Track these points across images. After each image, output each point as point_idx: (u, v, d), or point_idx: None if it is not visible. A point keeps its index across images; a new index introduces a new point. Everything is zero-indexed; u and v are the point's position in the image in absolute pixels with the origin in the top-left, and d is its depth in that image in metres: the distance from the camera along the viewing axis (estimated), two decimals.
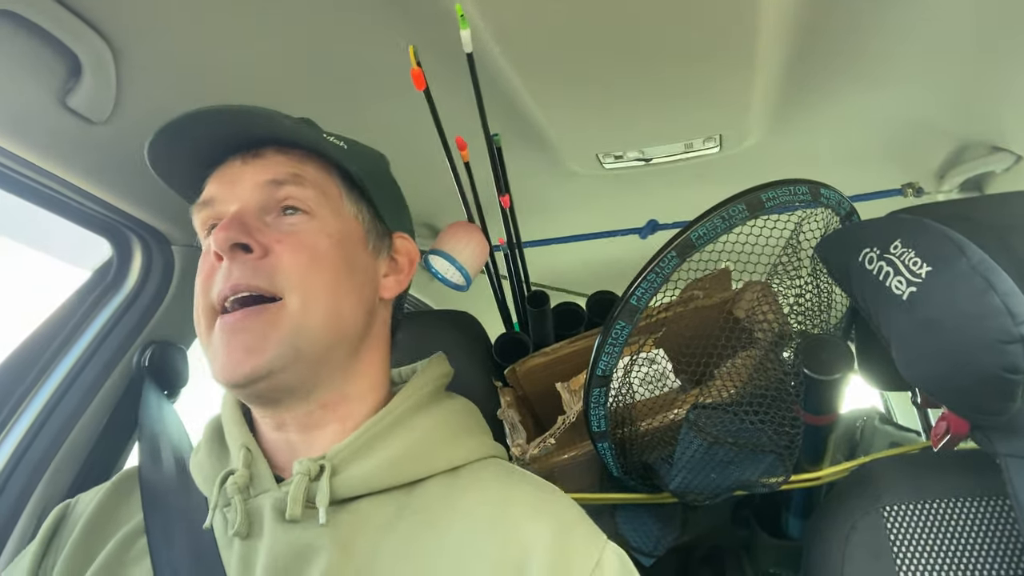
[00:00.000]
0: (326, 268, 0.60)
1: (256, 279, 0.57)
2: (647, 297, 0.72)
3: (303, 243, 0.60)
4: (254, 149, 0.63)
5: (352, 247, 0.64)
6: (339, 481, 0.57)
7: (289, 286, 0.58)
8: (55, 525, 0.65)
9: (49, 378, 0.86)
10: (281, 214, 0.61)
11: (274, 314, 0.57)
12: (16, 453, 0.80)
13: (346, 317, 0.61)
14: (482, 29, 0.76)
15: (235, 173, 0.62)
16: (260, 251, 0.58)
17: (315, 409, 0.62)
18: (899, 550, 0.71)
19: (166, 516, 0.62)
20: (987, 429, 0.63)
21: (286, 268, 0.58)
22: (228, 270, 0.57)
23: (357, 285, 0.63)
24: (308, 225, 0.61)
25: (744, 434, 0.78)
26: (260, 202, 0.61)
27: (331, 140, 0.66)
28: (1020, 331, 0.56)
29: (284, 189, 0.61)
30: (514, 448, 0.87)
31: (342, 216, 0.64)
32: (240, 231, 0.57)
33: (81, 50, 0.67)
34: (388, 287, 0.69)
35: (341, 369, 0.63)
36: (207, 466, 0.64)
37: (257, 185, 0.61)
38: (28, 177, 0.76)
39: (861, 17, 0.84)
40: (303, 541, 0.55)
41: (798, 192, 0.73)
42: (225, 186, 0.62)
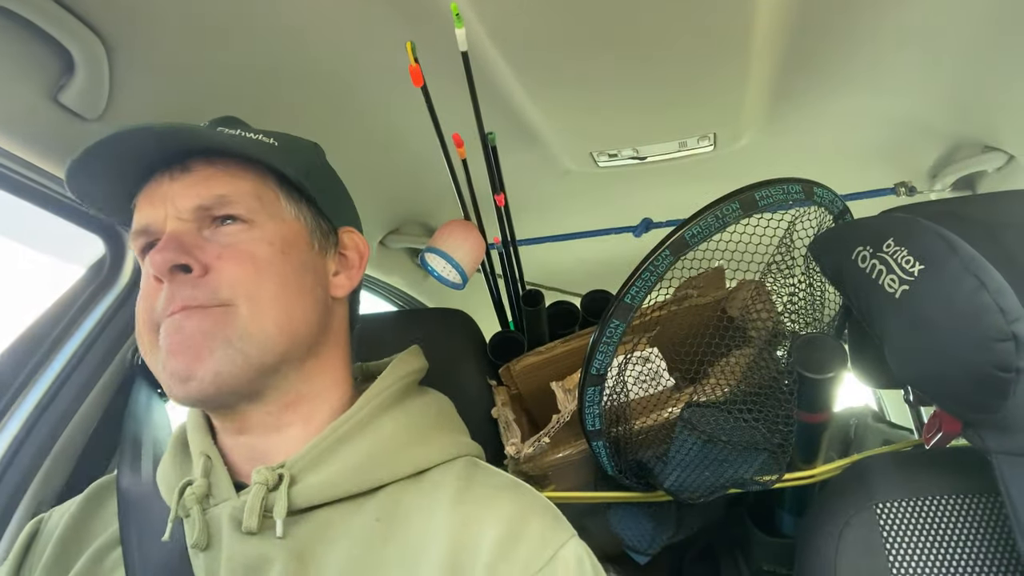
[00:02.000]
0: (271, 276, 0.58)
1: (199, 298, 0.55)
2: (641, 296, 0.73)
3: (244, 253, 0.57)
4: (181, 163, 0.59)
5: (296, 250, 0.61)
6: (297, 491, 0.56)
7: (232, 297, 0.56)
8: (28, 541, 0.64)
9: (42, 376, 0.85)
10: (219, 224, 0.58)
11: (222, 316, 0.55)
12: (9, 452, 0.80)
13: (297, 322, 0.59)
14: (477, 28, 0.76)
15: (164, 189, 0.59)
16: (200, 269, 0.56)
17: (273, 411, 0.60)
18: (892, 547, 0.71)
19: (141, 526, 0.61)
20: (979, 427, 0.63)
21: (230, 281, 0.56)
22: (171, 292, 0.55)
23: (306, 288, 0.61)
24: (247, 235, 0.58)
25: (738, 432, 0.78)
26: (194, 217, 0.58)
27: (259, 139, 0.63)
28: (1012, 329, 0.56)
29: (218, 201, 0.58)
30: (509, 447, 0.87)
31: (282, 219, 0.61)
32: (177, 251, 0.55)
33: (74, 46, 0.67)
34: (339, 285, 0.66)
35: (296, 371, 0.61)
36: (170, 475, 0.63)
37: (188, 197, 0.58)
38: (20, 174, 0.75)
39: (855, 17, 0.84)
40: (259, 552, 0.54)
41: (791, 191, 0.73)
42: (155, 204, 0.59)
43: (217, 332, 0.55)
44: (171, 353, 0.55)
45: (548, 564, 0.53)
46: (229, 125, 0.64)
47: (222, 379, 0.55)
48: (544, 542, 0.54)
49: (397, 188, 1.27)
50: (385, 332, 1.01)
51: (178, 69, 0.78)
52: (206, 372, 0.54)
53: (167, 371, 0.55)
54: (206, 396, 0.56)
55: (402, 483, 0.60)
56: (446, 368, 0.99)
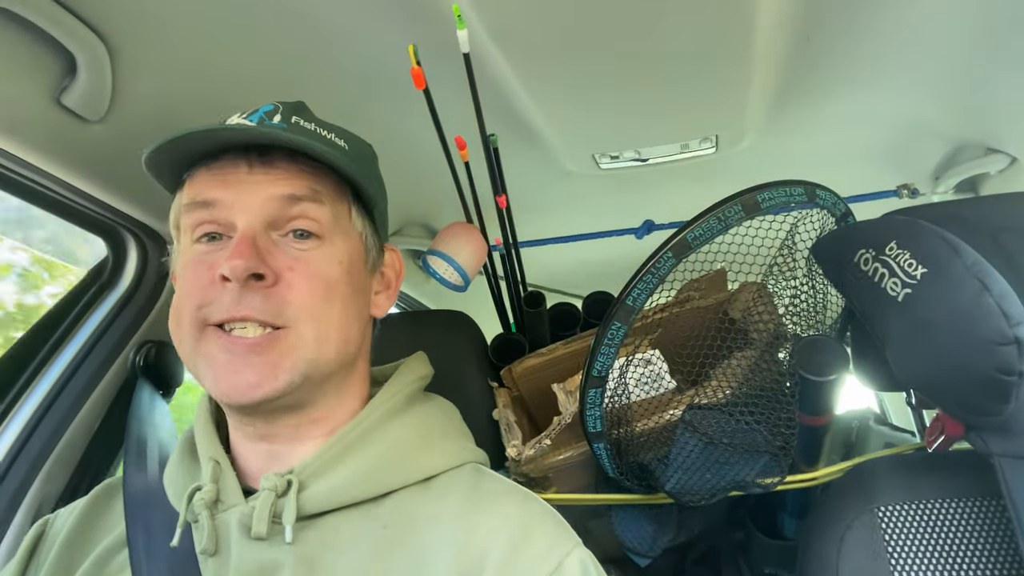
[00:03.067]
0: (337, 299, 0.58)
1: (266, 313, 0.54)
2: (643, 298, 0.73)
3: (315, 272, 0.57)
4: (260, 152, 0.57)
5: (357, 270, 0.61)
6: (306, 497, 0.56)
7: (300, 318, 0.56)
8: (34, 542, 0.65)
9: (45, 377, 0.85)
10: (290, 235, 0.57)
11: (285, 341, 0.55)
12: (11, 452, 0.80)
13: (351, 342, 0.60)
14: (479, 29, 0.76)
15: (241, 178, 0.56)
16: (272, 278, 0.55)
17: (304, 423, 0.60)
18: (894, 550, 0.71)
19: (148, 529, 0.61)
20: (981, 430, 0.63)
21: (297, 300, 0.55)
22: (238, 297, 0.54)
23: (358, 308, 0.62)
24: (320, 252, 0.58)
25: (740, 435, 0.78)
26: (270, 217, 0.56)
27: (333, 139, 0.61)
28: (1014, 332, 0.56)
29: (300, 206, 0.57)
30: (510, 449, 0.87)
31: (350, 236, 0.61)
32: (256, 260, 0.54)
33: (77, 48, 0.67)
34: (379, 305, 0.67)
35: (335, 387, 0.62)
36: (178, 479, 0.63)
37: (271, 198, 0.56)
38: (23, 176, 0.75)
39: (857, 19, 0.84)
40: (268, 558, 0.54)
41: (794, 193, 0.73)
42: (230, 191, 0.56)
43: (283, 357, 0.55)
44: (235, 372, 0.54)
45: (555, 572, 0.53)
46: (303, 114, 0.61)
47: (283, 398, 0.56)
48: (549, 551, 0.54)
49: (398, 190, 1.26)
50: (387, 334, 1.01)
51: (180, 71, 0.78)
52: (272, 392, 0.55)
53: (222, 383, 0.55)
54: (260, 410, 0.57)
55: (410, 489, 0.60)
56: (448, 370, 0.98)
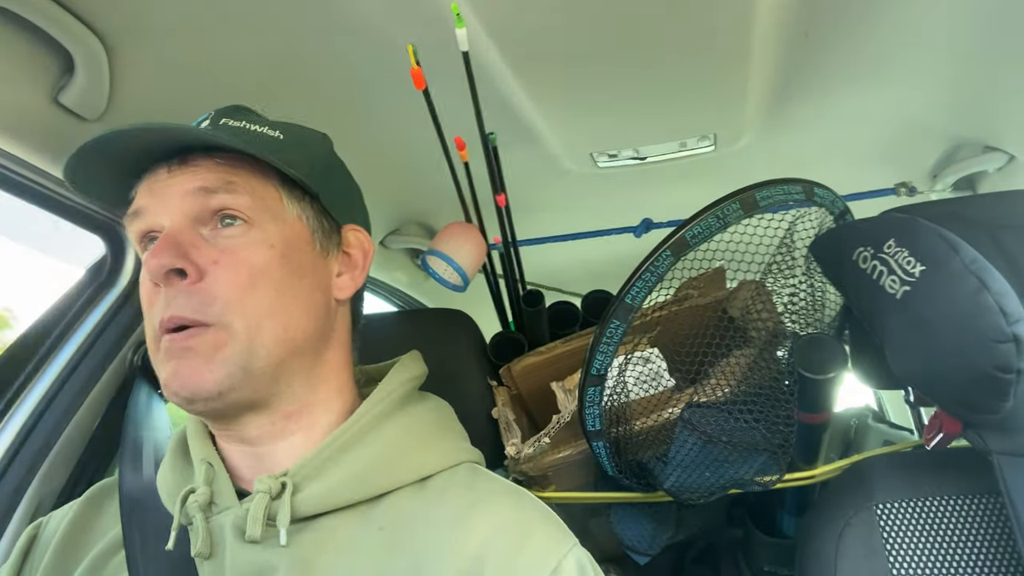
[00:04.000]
0: (268, 284, 0.56)
1: (191, 310, 0.54)
2: (642, 296, 0.73)
3: (240, 260, 0.56)
4: (180, 156, 0.58)
5: (297, 253, 0.60)
6: (301, 499, 0.56)
7: (226, 311, 0.54)
8: (27, 546, 0.64)
9: (42, 376, 0.85)
10: (218, 226, 0.57)
11: (213, 337, 0.54)
12: (9, 452, 0.80)
13: (296, 328, 0.58)
14: (478, 28, 0.76)
15: (162, 183, 0.57)
16: (195, 274, 0.54)
17: (277, 420, 0.59)
18: (892, 548, 0.71)
19: (144, 532, 0.61)
20: (980, 427, 0.63)
21: (223, 292, 0.55)
22: (166, 299, 0.54)
23: (305, 292, 0.60)
24: (246, 237, 0.57)
25: (738, 433, 0.78)
26: (192, 213, 0.56)
27: (264, 132, 0.61)
28: (1013, 330, 0.56)
29: (216, 198, 0.56)
30: (509, 447, 0.87)
31: (283, 220, 0.59)
32: (173, 255, 0.54)
33: (74, 47, 0.67)
34: (342, 287, 0.65)
35: (301, 378, 0.60)
36: (171, 482, 0.62)
37: (186, 194, 0.56)
38: (20, 174, 0.75)
39: (855, 17, 0.84)
40: (263, 561, 0.54)
41: (792, 191, 0.73)
42: (154, 197, 0.57)
43: (215, 352, 0.54)
44: (173, 373, 0.54)
45: (553, 573, 0.52)
46: (235, 116, 0.62)
47: (225, 395, 0.55)
48: (547, 552, 0.54)
49: (398, 189, 1.27)
50: (386, 333, 1.01)
51: (178, 70, 0.78)
52: (210, 391, 0.54)
53: (169, 388, 0.55)
54: (212, 411, 0.56)
55: (405, 490, 0.59)
56: (446, 368, 0.98)
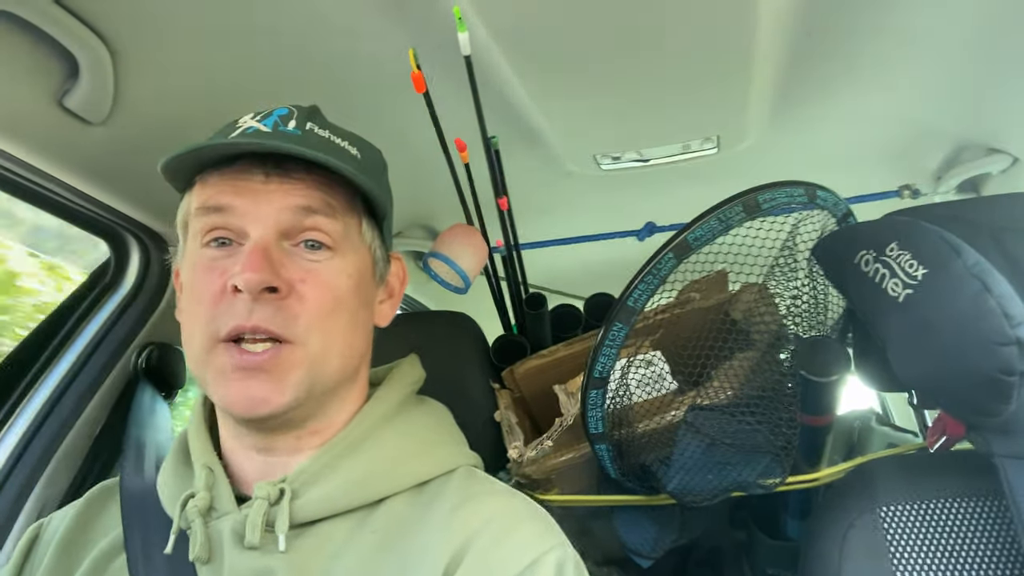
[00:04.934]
0: (345, 311, 0.58)
1: (276, 324, 0.54)
2: (644, 299, 0.73)
3: (325, 285, 0.57)
4: (276, 162, 0.56)
5: (365, 284, 0.62)
6: (299, 505, 0.56)
7: (309, 332, 0.56)
8: (28, 547, 0.64)
9: (47, 380, 0.85)
10: (302, 246, 0.57)
11: (292, 355, 0.55)
12: (14, 454, 0.80)
13: (355, 356, 0.61)
14: (480, 32, 0.76)
15: (256, 188, 0.56)
16: (285, 290, 0.55)
17: (304, 435, 0.60)
18: (896, 550, 0.71)
19: (145, 534, 0.61)
20: (983, 430, 0.63)
21: (307, 313, 0.56)
22: (250, 307, 0.54)
23: (364, 320, 0.62)
24: (331, 264, 0.58)
25: (741, 435, 0.78)
26: (283, 227, 0.56)
27: (346, 148, 0.61)
28: (1015, 333, 0.56)
29: (313, 218, 0.57)
30: (511, 450, 0.87)
31: (360, 251, 0.61)
32: (270, 272, 0.54)
33: (79, 51, 0.67)
34: (383, 314, 0.67)
35: (338, 399, 0.62)
36: (171, 485, 0.62)
37: (285, 209, 0.56)
38: (25, 178, 0.76)
39: (858, 19, 0.84)
40: (261, 566, 0.55)
41: (795, 194, 0.73)
42: (245, 199, 0.56)
43: (290, 371, 0.55)
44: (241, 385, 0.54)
45: (528, 568, 0.52)
46: (316, 120, 0.61)
47: (287, 414, 0.56)
48: (528, 546, 0.54)
49: (400, 191, 1.26)
50: (387, 335, 1.01)
51: (182, 73, 0.78)
52: (276, 411, 0.55)
53: (230, 396, 0.55)
54: (265, 427, 0.58)
55: (402, 496, 0.60)
56: (449, 371, 0.98)
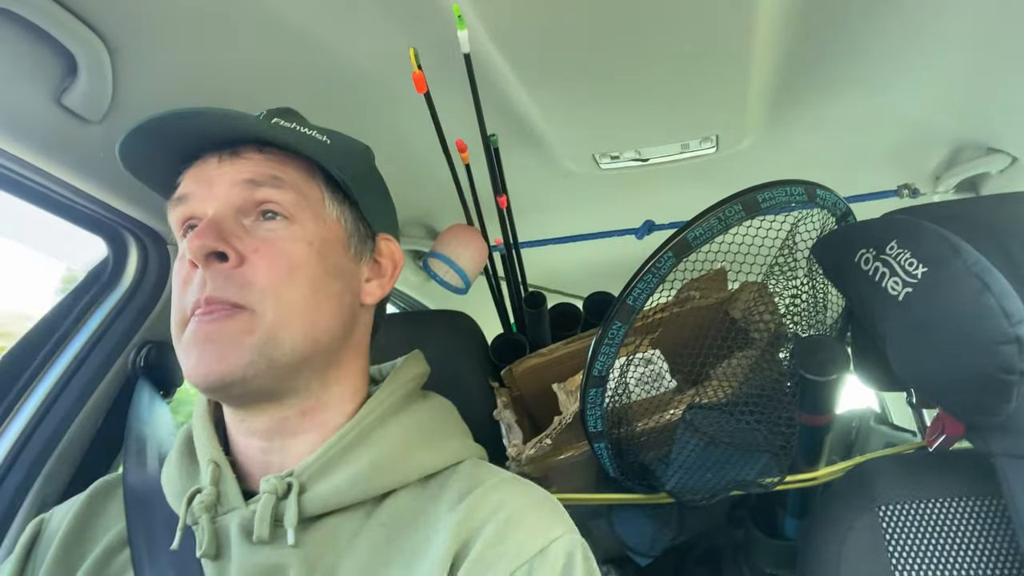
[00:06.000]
0: (303, 279, 0.58)
1: (228, 291, 0.55)
2: (643, 298, 0.73)
3: (280, 251, 0.58)
4: (232, 148, 0.60)
5: (332, 253, 0.61)
6: (307, 499, 0.56)
7: (262, 298, 0.56)
8: (30, 542, 0.64)
9: (44, 378, 0.85)
10: (259, 218, 0.59)
11: (247, 321, 0.55)
12: (12, 453, 0.80)
13: (322, 327, 0.59)
14: (480, 30, 0.76)
15: (211, 172, 0.59)
16: (236, 259, 0.56)
17: (292, 415, 0.60)
18: (895, 550, 0.71)
19: (149, 531, 0.61)
20: (982, 429, 0.63)
21: (261, 279, 0.56)
22: (202, 280, 0.55)
23: (335, 293, 0.61)
24: (286, 231, 0.59)
25: (740, 434, 0.78)
26: (237, 203, 0.58)
27: (313, 135, 0.63)
28: (1015, 331, 0.56)
29: (262, 191, 0.58)
30: (510, 449, 0.87)
31: (323, 220, 0.61)
32: (216, 238, 0.55)
33: (77, 49, 0.67)
34: (370, 292, 0.66)
35: (318, 377, 0.61)
36: (176, 481, 0.62)
37: (234, 184, 0.58)
38: (23, 176, 0.75)
39: (857, 19, 0.84)
40: (271, 562, 0.55)
41: (794, 193, 0.73)
42: (201, 184, 0.59)
43: (243, 337, 0.55)
44: (199, 352, 0.55)
45: (538, 555, 0.53)
46: (285, 117, 0.64)
47: (247, 381, 0.55)
48: (537, 534, 0.55)
49: (400, 190, 1.26)
50: (388, 334, 1.01)
51: (181, 71, 0.78)
52: (232, 372, 0.54)
53: (190, 365, 0.55)
54: (231, 397, 0.58)
55: (409, 488, 0.60)
56: (448, 370, 0.98)
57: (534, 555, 0.53)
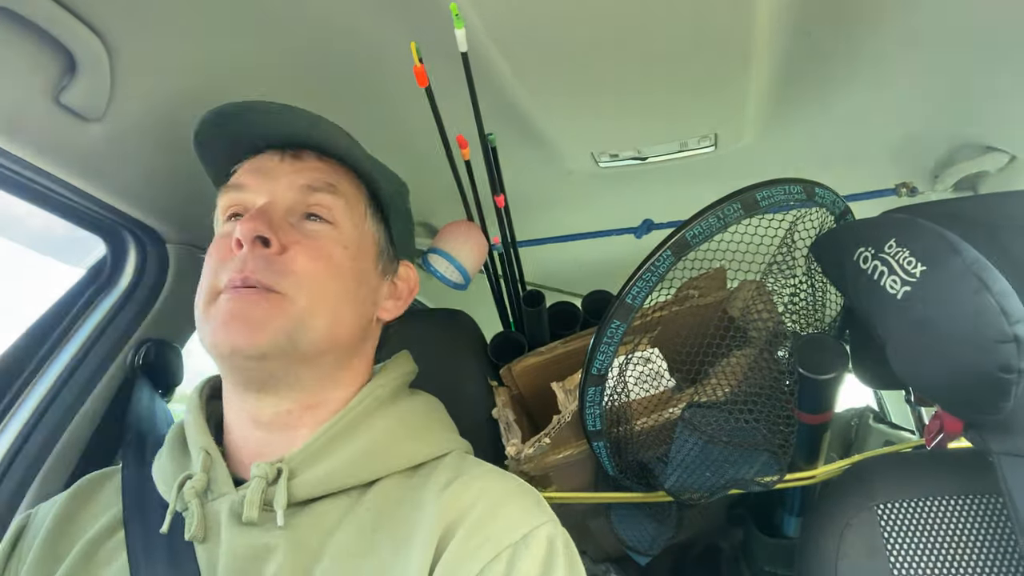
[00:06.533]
0: (337, 276, 0.62)
1: (267, 274, 0.58)
2: (642, 296, 0.73)
3: (321, 249, 0.61)
4: (294, 150, 0.65)
5: (364, 261, 0.66)
6: (296, 484, 0.58)
7: (298, 286, 0.59)
8: (15, 537, 0.65)
9: (43, 376, 0.85)
10: (304, 219, 0.63)
11: (279, 303, 0.58)
12: (11, 452, 0.80)
13: (345, 325, 0.63)
14: (478, 28, 0.76)
15: (271, 168, 0.64)
16: (278, 248, 0.59)
17: (296, 409, 0.62)
18: (893, 548, 0.71)
19: (144, 517, 0.62)
20: (981, 427, 0.63)
21: (299, 270, 0.59)
22: (244, 259, 0.58)
23: (361, 299, 0.65)
24: (329, 233, 0.63)
25: (739, 433, 0.78)
26: (289, 203, 0.62)
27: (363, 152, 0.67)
28: (1014, 330, 0.56)
29: (316, 196, 0.63)
30: (509, 447, 0.87)
31: (362, 231, 0.66)
32: (265, 225, 0.59)
33: (76, 47, 0.67)
34: (387, 309, 0.70)
35: (328, 375, 0.64)
36: (168, 469, 0.64)
37: (291, 186, 0.63)
38: (21, 175, 0.75)
39: (856, 18, 0.84)
40: (260, 543, 0.56)
41: (793, 191, 0.73)
42: (259, 177, 0.63)
43: (273, 317, 0.57)
44: (226, 322, 0.57)
45: (520, 542, 0.54)
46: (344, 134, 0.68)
47: (266, 358, 0.58)
48: (518, 522, 0.56)
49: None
50: (387, 332, 1.01)
51: (179, 70, 0.78)
52: (256, 346, 0.57)
53: (216, 334, 0.57)
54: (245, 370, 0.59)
55: (395, 476, 0.62)
56: (447, 368, 0.98)
57: (517, 540, 0.54)
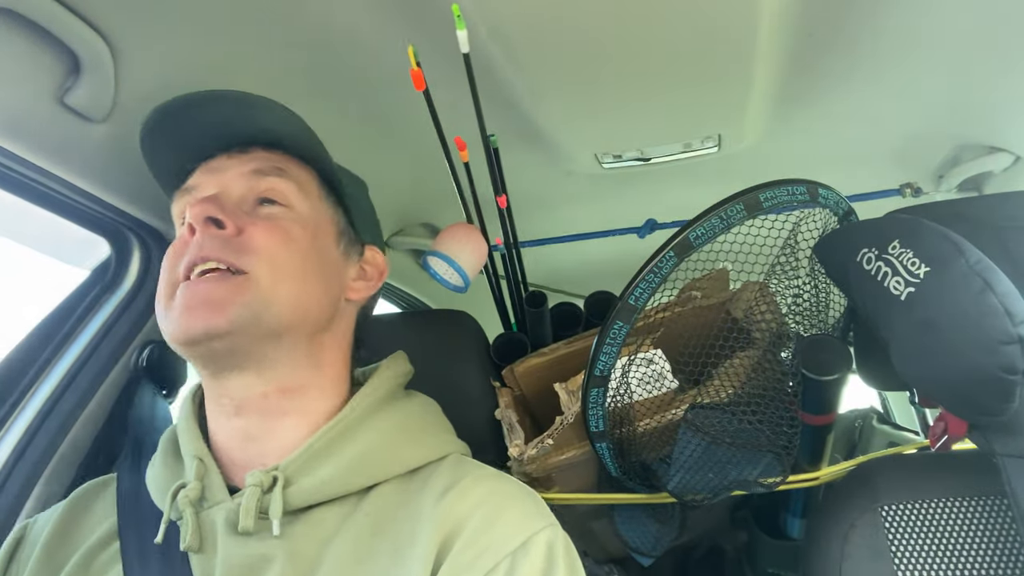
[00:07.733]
0: (296, 251, 0.61)
1: (225, 252, 0.57)
2: (645, 297, 0.72)
3: (276, 226, 0.61)
4: (241, 146, 0.65)
5: (324, 241, 0.65)
6: (292, 492, 0.57)
7: (258, 261, 0.58)
8: (13, 547, 0.65)
9: (47, 378, 0.85)
10: (258, 204, 0.63)
11: (240, 283, 0.57)
12: (14, 454, 0.80)
13: (310, 301, 0.62)
14: (480, 29, 0.76)
15: (219, 164, 0.64)
16: (234, 229, 0.59)
17: (272, 392, 0.61)
18: (897, 549, 0.71)
19: (139, 527, 0.61)
20: (985, 429, 0.63)
21: (259, 246, 0.59)
22: (199, 242, 0.57)
23: (324, 276, 0.64)
24: (285, 214, 0.63)
25: (742, 434, 0.78)
26: (242, 190, 0.62)
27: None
28: (1018, 331, 0.56)
29: (266, 180, 0.63)
30: (512, 448, 0.87)
31: (318, 212, 0.66)
32: (216, 207, 0.58)
33: (80, 48, 0.67)
34: (356, 289, 0.69)
35: (299, 352, 0.62)
36: (161, 478, 0.63)
37: (240, 174, 0.63)
38: (26, 176, 0.75)
39: (860, 19, 0.84)
40: (257, 553, 0.55)
41: (796, 192, 0.73)
42: (208, 175, 0.64)
43: (235, 296, 0.56)
44: (187, 308, 0.56)
45: (520, 548, 0.54)
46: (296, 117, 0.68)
47: (231, 334, 0.56)
48: (518, 527, 0.55)
49: (401, 189, 1.27)
50: (389, 333, 1.01)
51: (183, 71, 0.78)
52: (217, 326, 0.55)
53: (174, 321, 0.56)
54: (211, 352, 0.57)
55: (393, 482, 0.61)
56: (449, 369, 0.99)
57: (516, 548, 0.54)
